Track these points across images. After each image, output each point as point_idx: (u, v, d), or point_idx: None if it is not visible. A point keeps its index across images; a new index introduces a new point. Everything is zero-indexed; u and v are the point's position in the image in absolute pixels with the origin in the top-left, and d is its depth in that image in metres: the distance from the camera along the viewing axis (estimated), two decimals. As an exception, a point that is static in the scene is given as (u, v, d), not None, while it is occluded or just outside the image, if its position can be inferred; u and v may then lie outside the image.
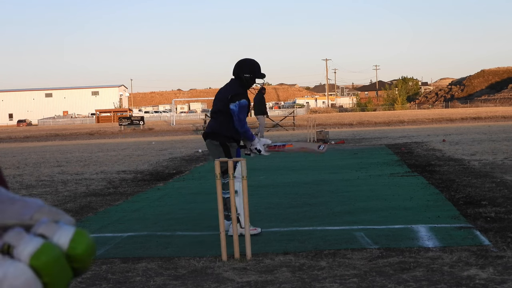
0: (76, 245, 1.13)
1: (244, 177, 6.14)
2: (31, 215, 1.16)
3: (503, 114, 51.35)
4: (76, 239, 1.13)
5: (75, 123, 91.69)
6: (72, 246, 1.13)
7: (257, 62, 7.31)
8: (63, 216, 1.17)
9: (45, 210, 1.17)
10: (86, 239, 1.14)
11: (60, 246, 1.12)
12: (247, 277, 5.27)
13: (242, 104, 7.07)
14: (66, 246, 1.12)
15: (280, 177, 12.55)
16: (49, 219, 1.15)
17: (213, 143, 7.16)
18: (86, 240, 1.14)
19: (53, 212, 1.17)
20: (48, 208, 1.18)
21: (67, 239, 1.13)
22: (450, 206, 8.18)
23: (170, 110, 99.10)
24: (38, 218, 1.15)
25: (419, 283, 4.86)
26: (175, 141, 30.50)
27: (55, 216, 1.17)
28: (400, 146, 19.88)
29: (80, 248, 1.13)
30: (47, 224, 1.14)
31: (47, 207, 1.18)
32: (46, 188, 12.16)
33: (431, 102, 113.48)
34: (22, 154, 24.13)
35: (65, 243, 1.13)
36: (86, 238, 1.14)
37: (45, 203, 1.19)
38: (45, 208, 1.18)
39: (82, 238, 1.14)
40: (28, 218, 1.16)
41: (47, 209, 1.18)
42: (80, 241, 1.13)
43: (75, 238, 1.13)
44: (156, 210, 9.08)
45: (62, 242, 1.12)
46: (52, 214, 1.17)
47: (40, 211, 1.16)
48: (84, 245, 1.13)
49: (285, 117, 47.57)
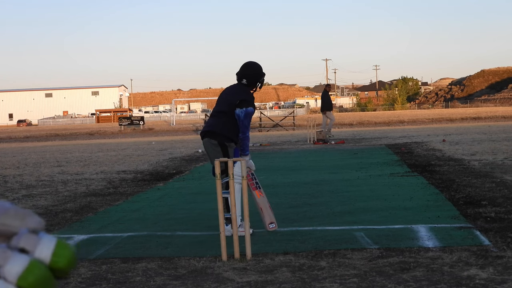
0: (58, 259, 1.12)
1: (244, 177, 6.15)
2: None
3: (503, 114, 51.34)
4: (58, 253, 1.13)
5: (75, 123, 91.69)
6: (54, 260, 1.12)
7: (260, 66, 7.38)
8: (32, 218, 1.17)
9: (12, 213, 1.17)
10: (67, 252, 1.13)
11: (42, 260, 1.12)
12: (247, 277, 5.27)
13: (248, 111, 7.12)
14: (49, 259, 1.12)
15: (280, 177, 12.55)
16: (28, 230, 1.14)
17: (211, 142, 7.16)
18: (67, 252, 1.13)
19: (19, 213, 1.17)
20: (15, 211, 1.17)
21: (49, 252, 1.12)
22: (450, 206, 8.18)
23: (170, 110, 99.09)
24: (4, 222, 1.14)
25: (419, 283, 4.86)
26: (175, 141, 30.50)
27: (22, 218, 1.16)
28: (400, 146, 19.88)
29: (62, 262, 1.12)
30: (27, 237, 1.13)
31: (13, 209, 1.18)
32: (46, 188, 12.16)
33: (431, 102, 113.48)
34: (22, 154, 24.12)
35: (47, 257, 1.12)
36: (67, 251, 1.14)
37: (12, 205, 1.19)
38: (11, 210, 1.17)
39: (63, 251, 1.13)
40: None
41: (14, 212, 1.17)
42: (62, 254, 1.13)
43: (57, 251, 1.13)
44: (156, 210, 9.08)
45: (44, 256, 1.12)
46: (19, 216, 1.16)
47: (6, 214, 1.16)
48: (65, 258, 1.13)
49: (285, 117, 47.58)
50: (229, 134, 7.12)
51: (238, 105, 7.10)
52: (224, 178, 6.68)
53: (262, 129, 41.83)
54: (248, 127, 7.14)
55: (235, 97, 7.15)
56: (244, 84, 7.24)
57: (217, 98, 7.51)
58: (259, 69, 7.27)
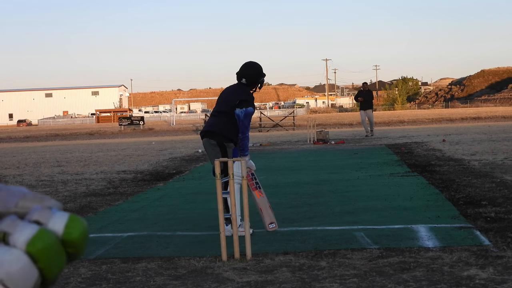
0: (71, 231, 1.14)
1: (244, 177, 6.14)
2: (15, 202, 1.16)
3: (503, 114, 51.32)
4: (70, 225, 1.14)
5: (75, 123, 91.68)
6: (67, 231, 1.13)
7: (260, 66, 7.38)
8: (50, 201, 1.18)
9: (30, 197, 1.18)
10: (80, 224, 1.15)
11: (55, 232, 1.13)
12: (247, 277, 5.27)
13: (248, 112, 7.12)
14: (61, 231, 1.13)
15: (280, 177, 12.55)
16: (42, 206, 1.15)
17: (210, 142, 7.16)
18: (80, 225, 1.15)
19: (37, 198, 1.18)
20: (33, 195, 1.18)
21: (62, 224, 1.14)
22: (450, 206, 8.18)
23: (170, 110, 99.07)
24: (23, 205, 1.16)
25: (419, 283, 4.86)
26: (175, 141, 30.49)
27: (40, 202, 1.17)
28: (400, 146, 19.87)
29: (75, 233, 1.14)
30: (41, 211, 1.14)
31: (31, 194, 1.19)
32: (46, 188, 12.15)
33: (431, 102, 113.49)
34: (22, 154, 24.12)
35: (60, 229, 1.13)
36: (80, 223, 1.15)
37: (30, 190, 1.20)
38: (29, 195, 1.18)
39: (76, 224, 1.15)
40: (13, 205, 1.16)
41: (32, 196, 1.18)
42: (75, 226, 1.14)
43: (70, 224, 1.14)
44: (156, 210, 9.08)
45: (57, 228, 1.13)
46: (37, 200, 1.17)
47: (24, 198, 1.17)
48: (78, 230, 1.14)
49: (285, 117, 47.55)
50: (229, 134, 7.12)
51: (238, 105, 7.10)
52: (224, 178, 6.68)
53: (262, 129, 41.82)
54: (248, 127, 7.14)
55: (235, 97, 7.15)
56: (244, 84, 7.24)
57: (217, 98, 7.51)
58: (259, 69, 7.27)
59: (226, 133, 7.11)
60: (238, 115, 7.09)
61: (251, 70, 7.23)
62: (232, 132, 7.12)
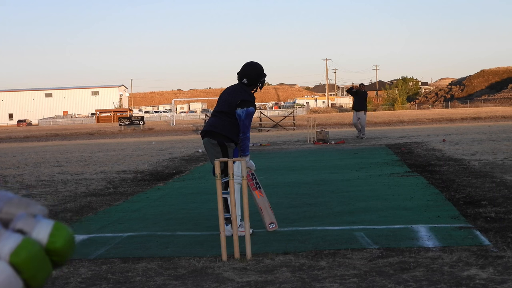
0: (56, 239, 1.12)
1: (244, 177, 6.15)
2: (0, 207, 1.16)
3: (503, 114, 51.31)
4: (55, 233, 1.13)
5: (75, 123, 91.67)
6: (52, 240, 1.12)
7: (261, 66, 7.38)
8: (35, 207, 1.17)
9: (15, 202, 1.17)
10: (65, 232, 1.14)
11: (40, 240, 1.12)
12: (247, 277, 5.27)
13: (249, 112, 7.13)
14: (46, 240, 1.12)
15: (280, 177, 12.55)
16: (26, 214, 1.14)
17: (211, 142, 7.16)
18: (65, 233, 1.14)
19: (23, 203, 1.17)
20: (18, 200, 1.17)
21: (46, 233, 1.12)
22: (450, 206, 8.18)
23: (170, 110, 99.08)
24: (7, 210, 1.15)
25: (419, 283, 4.86)
26: (175, 141, 30.49)
27: (25, 207, 1.16)
28: (400, 146, 19.88)
29: (60, 242, 1.13)
30: (25, 219, 1.13)
31: (16, 199, 1.18)
32: (46, 188, 12.15)
33: (431, 102, 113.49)
34: (22, 154, 24.12)
35: (44, 238, 1.12)
36: (65, 231, 1.14)
37: (15, 195, 1.19)
38: (14, 199, 1.17)
39: (61, 232, 1.14)
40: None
41: (17, 201, 1.17)
42: (59, 234, 1.13)
43: (54, 232, 1.13)
44: (156, 210, 9.08)
45: (41, 236, 1.12)
46: (22, 205, 1.16)
47: (9, 203, 1.16)
48: (63, 238, 1.13)
49: (285, 117, 47.54)
50: (229, 134, 7.12)
51: (239, 105, 7.10)
52: (224, 178, 6.68)
53: (262, 129, 41.83)
54: (248, 127, 7.14)
55: (236, 97, 7.15)
56: (245, 84, 7.25)
57: (218, 98, 7.51)
58: (260, 70, 7.28)
59: (227, 133, 7.11)
60: (239, 115, 7.09)
61: (252, 70, 7.23)
62: (232, 132, 7.12)
